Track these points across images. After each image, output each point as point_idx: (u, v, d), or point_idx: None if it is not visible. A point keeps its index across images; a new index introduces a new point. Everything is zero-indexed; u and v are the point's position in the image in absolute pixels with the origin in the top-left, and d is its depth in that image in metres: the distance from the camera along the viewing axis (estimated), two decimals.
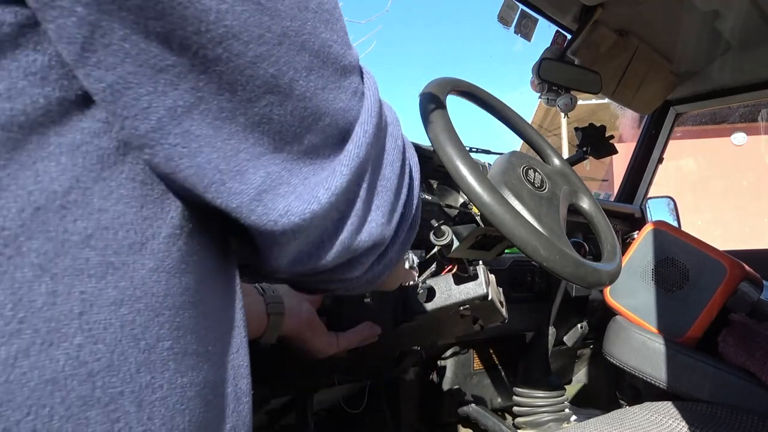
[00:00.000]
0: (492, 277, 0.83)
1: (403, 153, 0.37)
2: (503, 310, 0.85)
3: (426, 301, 0.80)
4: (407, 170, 0.37)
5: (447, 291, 0.80)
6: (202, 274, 0.29)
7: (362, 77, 0.34)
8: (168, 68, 0.24)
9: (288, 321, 0.64)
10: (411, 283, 0.83)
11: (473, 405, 1.28)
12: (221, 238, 0.32)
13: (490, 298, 0.79)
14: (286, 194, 0.28)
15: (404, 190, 0.37)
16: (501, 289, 0.87)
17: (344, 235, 0.32)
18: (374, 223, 0.34)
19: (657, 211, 1.79)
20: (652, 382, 1.21)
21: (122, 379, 0.24)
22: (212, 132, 0.26)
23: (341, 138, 0.31)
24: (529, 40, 1.45)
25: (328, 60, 0.29)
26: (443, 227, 0.79)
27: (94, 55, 0.23)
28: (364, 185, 0.32)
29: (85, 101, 0.24)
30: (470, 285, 0.80)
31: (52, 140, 0.23)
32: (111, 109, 0.24)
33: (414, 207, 0.39)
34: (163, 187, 0.27)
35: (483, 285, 0.79)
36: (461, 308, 0.81)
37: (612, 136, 1.22)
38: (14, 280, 0.21)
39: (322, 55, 0.29)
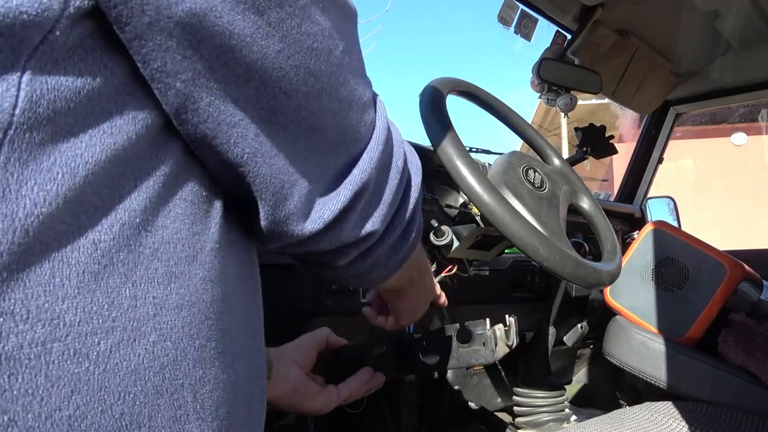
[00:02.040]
0: (500, 330, 0.79)
1: (403, 170, 0.41)
2: (512, 343, 0.81)
3: (431, 362, 0.76)
4: (404, 183, 0.42)
5: (455, 354, 0.76)
6: (235, 282, 0.34)
7: (375, 106, 0.39)
8: (239, 122, 0.30)
9: (274, 388, 0.63)
10: (414, 337, 0.80)
11: (473, 405, 1.28)
12: (248, 249, 0.36)
13: (498, 359, 0.75)
14: (304, 215, 0.34)
15: (398, 202, 0.41)
16: (510, 323, 0.83)
17: (334, 234, 0.37)
18: (364, 227, 0.39)
19: (657, 211, 1.79)
20: (652, 382, 1.21)
21: (183, 373, 0.28)
22: (273, 161, 0.33)
23: (351, 163, 0.36)
24: (529, 40, 1.45)
25: (354, 102, 0.35)
26: (443, 227, 0.79)
27: (185, 115, 0.28)
28: (363, 201, 0.37)
29: (153, 135, 0.29)
30: (479, 351, 0.76)
31: (130, 166, 0.27)
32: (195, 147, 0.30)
33: (408, 212, 0.43)
34: (206, 206, 0.32)
35: (491, 353, 0.75)
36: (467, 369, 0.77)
37: (612, 136, 1.22)
38: (108, 285, 0.26)
39: (350, 98, 0.34)
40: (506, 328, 0.80)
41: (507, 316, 0.80)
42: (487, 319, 0.78)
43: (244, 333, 0.35)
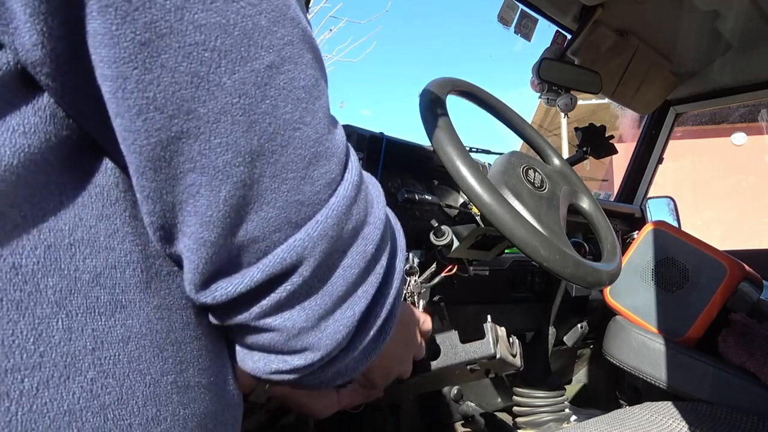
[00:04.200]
0: (501, 330, 0.78)
1: (372, 258, 0.32)
2: (517, 360, 0.80)
3: (430, 359, 0.77)
4: (376, 275, 0.32)
5: (452, 350, 0.76)
6: (203, 307, 0.30)
7: (346, 166, 0.30)
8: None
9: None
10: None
11: (473, 405, 1.28)
12: None
13: (498, 356, 0.75)
14: (195, 282, 0.27)
15: (360, 300, 0.31)
16: (514, 339, 0.82)
17: (239, 318, 0.29)
18: (293, 325, 0.29)
19: (657, 211, 1.79)
20: (652, 382, 1.21)
21: (131, 412, 0.25)
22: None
23: (291, 230, 0.27)
24: (529, 40, 1.45)
25: (289, 145, 0.26)
26: (443, 227, 0.79)
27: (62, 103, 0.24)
28: (288, 289, 0.28)
29: (83, 139, 0.25)
30: (476, 344, 0.76)
31: (54, 179, 0.24)
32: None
33: (385, 309, 0.33)
34: None
35: (490, 345, 0.75)
36: (468, 366, 0.77)
37: (612, 136, 1.22)
38: (35, 315, 0.23)
39: (280, 138, 0.26)
40: (510, 340, 0.80)
41: (511, 336, 0.79)
42: (489, 316, 0.79)
43: (216, 361, 0.31)
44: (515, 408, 1.38)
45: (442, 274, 0.85)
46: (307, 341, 0.30)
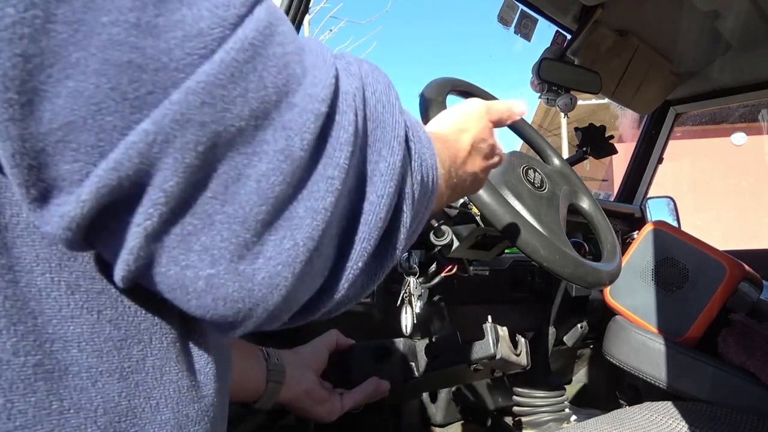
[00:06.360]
0: (503, 330, 0.79)
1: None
2: (522, 359, 0.81)
3: (432, 360, 0.77)
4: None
5: (452, 351, 0.77)
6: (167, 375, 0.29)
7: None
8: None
9: (287, 390, 0.64)
10: (416, 341, 0.81)
11: (473, 405, 1.28)
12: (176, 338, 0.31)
13: (498, 357, 0.76)
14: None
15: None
16: (520, 338, 0.83)
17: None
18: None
19: (657, 211, 1.79)
20: (652, 382, 1.21)
21: None
22: None
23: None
24: (529, 40, 1.45)
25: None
26: (443, 227, 0.79)
27: None
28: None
29: None
30: (476, 345, 0.76)
31: None
32: None
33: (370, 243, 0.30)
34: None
35: (490, 345, 0.76)
36: (471, 366, 0.78)
37: (612, 136, 1.22)
38: None
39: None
40: (516, 339, 0.80)
41: (517, 334, 0.80)
42: (489, 317, 0.79)
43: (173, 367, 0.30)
44: (515, 408, 1.38)
45: (442, 274, 0.85)
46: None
